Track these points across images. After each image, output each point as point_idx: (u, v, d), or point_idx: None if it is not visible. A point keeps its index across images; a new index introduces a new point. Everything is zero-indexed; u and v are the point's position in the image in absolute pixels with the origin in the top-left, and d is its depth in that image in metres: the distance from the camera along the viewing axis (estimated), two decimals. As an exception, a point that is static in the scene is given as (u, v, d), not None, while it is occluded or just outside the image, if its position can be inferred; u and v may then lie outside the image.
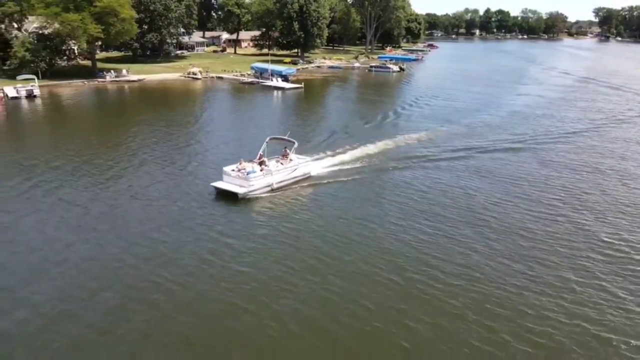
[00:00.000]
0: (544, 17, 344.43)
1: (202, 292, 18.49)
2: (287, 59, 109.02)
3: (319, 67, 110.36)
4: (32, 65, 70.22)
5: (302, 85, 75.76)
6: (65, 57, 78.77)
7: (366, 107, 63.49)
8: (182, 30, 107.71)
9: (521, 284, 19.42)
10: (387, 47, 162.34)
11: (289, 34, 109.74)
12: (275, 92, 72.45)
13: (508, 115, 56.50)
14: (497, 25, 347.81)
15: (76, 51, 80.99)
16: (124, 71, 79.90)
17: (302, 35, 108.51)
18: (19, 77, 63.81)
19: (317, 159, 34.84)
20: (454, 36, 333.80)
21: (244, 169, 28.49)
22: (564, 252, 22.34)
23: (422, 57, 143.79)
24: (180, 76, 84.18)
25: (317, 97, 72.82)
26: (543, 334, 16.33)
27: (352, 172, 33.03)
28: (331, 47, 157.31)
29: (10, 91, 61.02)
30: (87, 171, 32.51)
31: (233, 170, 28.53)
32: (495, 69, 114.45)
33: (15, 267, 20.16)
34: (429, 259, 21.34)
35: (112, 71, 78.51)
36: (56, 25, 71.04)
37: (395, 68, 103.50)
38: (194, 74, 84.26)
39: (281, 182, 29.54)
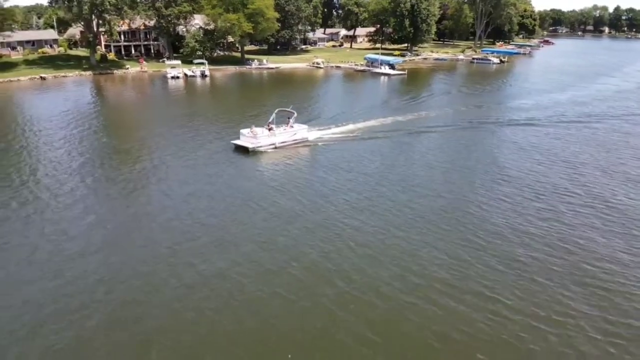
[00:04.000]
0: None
1: (218, 197, 28.76)
2: (397, 52, 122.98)
3: (425, 59, 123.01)
4: (198, 53, 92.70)
5: (406, 72, 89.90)
6: (222, 48, 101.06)
7: (448, 87, 77.45)
8: (308, 27, 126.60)
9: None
10: (498, 42, 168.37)
11: (401, 30, 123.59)
12: (382, 78, 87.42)
13: (567, 98, 65.21)
14: (627, 24, 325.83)
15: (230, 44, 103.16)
16: (264, 60, 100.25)
17: (412, 31, 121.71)
18: (195, 62, 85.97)
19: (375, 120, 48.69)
20: (580, 33, 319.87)
21: (255, 131, 38.29)
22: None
23: (530, 51, 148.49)
24: (307, 65, 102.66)
25: (415, 80, 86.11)
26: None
27: (350, 136, 42.42)
28: (442, 42, 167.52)
29: (187, 71, 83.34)
30: (240, 118, 49.72)
31: (247, 132, 38.37)
32: (594, 64, 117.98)
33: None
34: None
35: (256, 60, 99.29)
36: (218, 22, 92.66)
37: (496, 60, 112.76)
38: (318, 63, 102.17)
39: (283, 142, 38.83)
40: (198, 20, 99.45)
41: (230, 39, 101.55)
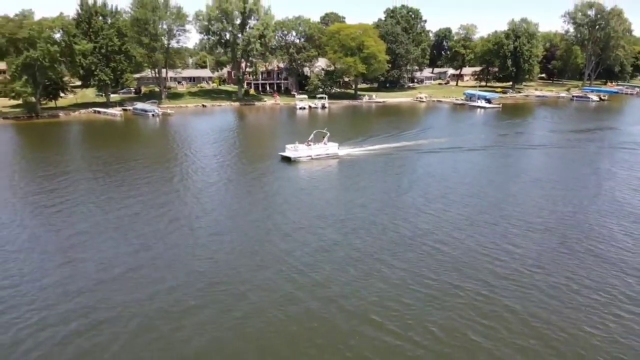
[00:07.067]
0: None
1: (271, 191, 46.71)
2: (499, 89, 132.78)
3: (527, 96, 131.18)
4: (320, 89, 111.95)
5: (500, 106, 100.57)
6: (339, 85, 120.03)
7: (533, 117, 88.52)
8: (416, 67, 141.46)
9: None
10: (611, 82, 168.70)
11: (504, 69, 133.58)
12: (478, 110, 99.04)
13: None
14: None
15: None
16: (374, 96, 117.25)
17: (514, 70, 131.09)
18: (318, 96, 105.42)
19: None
20: None
21: (297, 146, 50.74)
22: None
23: (638, 92, 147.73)
24: (411, 100, 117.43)
25: (508, 113, 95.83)
26: None
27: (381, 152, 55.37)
28: (551, 81, 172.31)
29: (311, 104, 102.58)
30: (345, 136, 65.31)
31: (291, 146, 50.71)
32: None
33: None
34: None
35: (366, 96, 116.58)
36: (337, 65, 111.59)
37: (595, 98, 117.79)
38: (421, 98, 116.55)
39: (318, 155, 51.05)
40: (321, 63, 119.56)
41: (346, 78, 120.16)
